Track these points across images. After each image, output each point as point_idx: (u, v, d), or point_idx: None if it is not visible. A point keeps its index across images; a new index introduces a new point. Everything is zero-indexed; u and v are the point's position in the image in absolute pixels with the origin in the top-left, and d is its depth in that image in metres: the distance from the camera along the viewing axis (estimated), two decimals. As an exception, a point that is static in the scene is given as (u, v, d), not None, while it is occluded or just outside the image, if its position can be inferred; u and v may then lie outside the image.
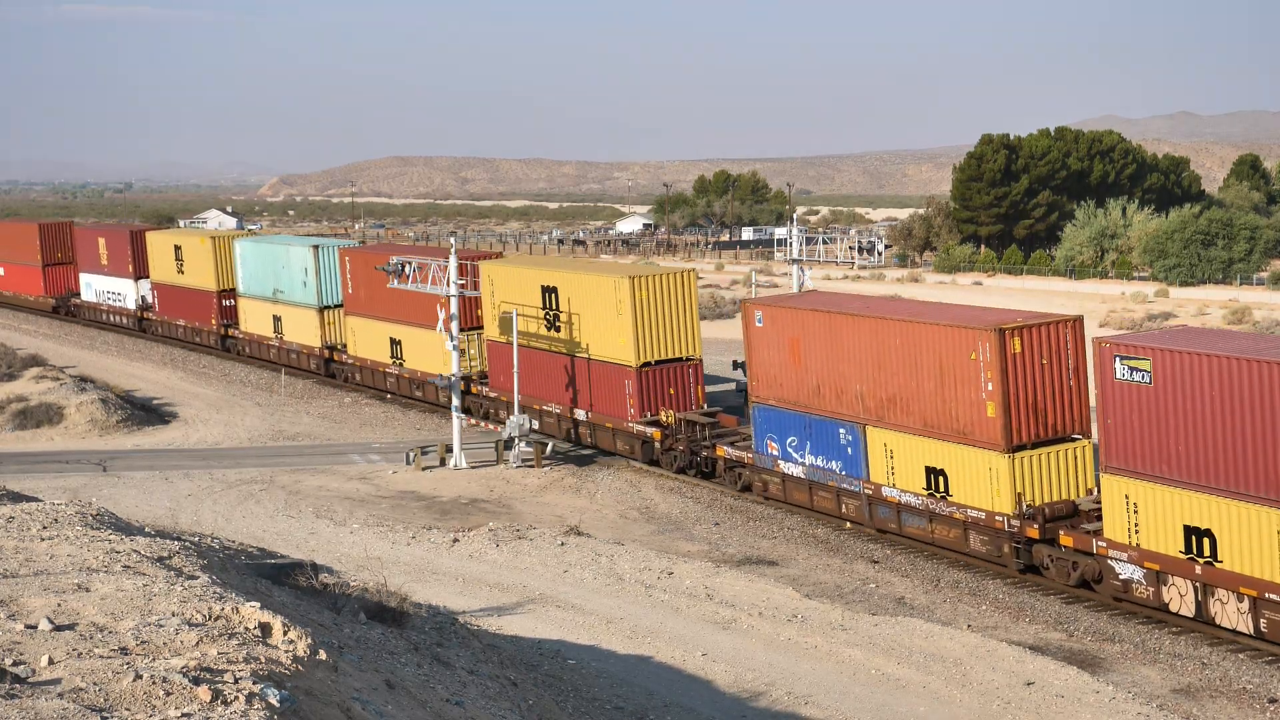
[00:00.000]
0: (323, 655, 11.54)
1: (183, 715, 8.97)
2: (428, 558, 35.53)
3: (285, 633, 11.59)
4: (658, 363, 47.18)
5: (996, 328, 34.29)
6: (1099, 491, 32.67)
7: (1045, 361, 34.61)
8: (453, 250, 50.60)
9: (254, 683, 9.73)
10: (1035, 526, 33.61)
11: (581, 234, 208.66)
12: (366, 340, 62.86)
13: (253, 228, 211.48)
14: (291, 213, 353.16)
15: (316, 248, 66.40)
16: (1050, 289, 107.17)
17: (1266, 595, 28.14)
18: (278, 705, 9.44)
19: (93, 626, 11.16)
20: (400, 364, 60.48)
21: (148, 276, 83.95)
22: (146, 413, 60.29)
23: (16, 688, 9.43)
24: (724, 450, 44.03)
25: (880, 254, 70.75)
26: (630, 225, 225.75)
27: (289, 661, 10.79)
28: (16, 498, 21.37)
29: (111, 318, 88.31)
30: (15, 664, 9.96)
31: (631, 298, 46.52)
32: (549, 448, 48.57)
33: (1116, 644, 30.41)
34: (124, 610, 11.77)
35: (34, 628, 10.96)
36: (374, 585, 19.77)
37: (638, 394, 46.96)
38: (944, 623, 30.92)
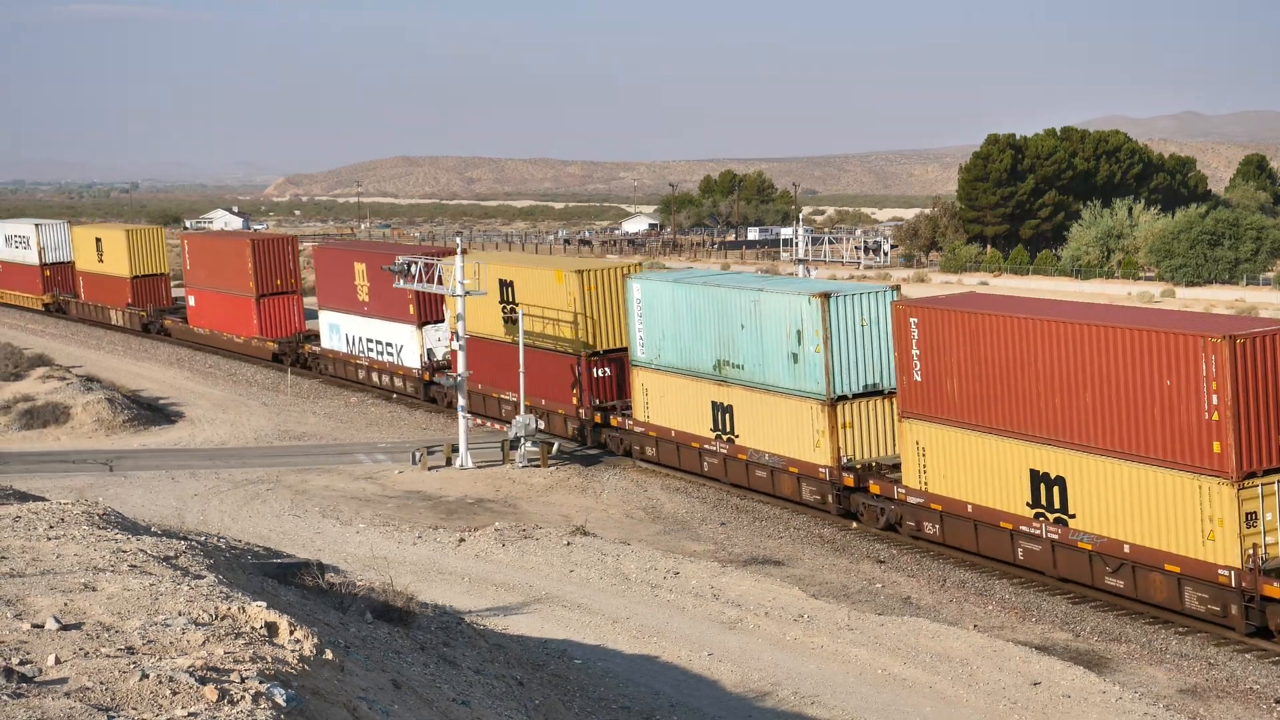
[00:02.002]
0: (329, 655, 11.53)
1: (189, 715, 8.97)
2: (434, 557, 35.53)
3: (292, 632, 11.59)
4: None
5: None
6: None
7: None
8: (459, 250, 50.70)
9: (260, 682, 9.72)
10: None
11: (587, 234, 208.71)
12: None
13: (259, 227, 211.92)
14: (298, 213, 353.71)
15: (826, 297, 39.72)
16: (1056, 289, 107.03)
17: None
18: (284, 705, 9.44)
19: (99, 626, 11.16)
20: None
21: (437, 321, 59.48)
22: (153, 412, 60.33)
23: (23, 687, 9.43)
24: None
25: (886, 254, 70.81)
26: (636, 225, 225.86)
27: (295, 661, 10.79)
28: (23, 497, 21.39)
29: (378, 377, 63.55)
30: (22, 663, 9.96)
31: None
32: (555, 447, 48.59)
33: (1123, 644, 30.37)
34: (130, 610, 11.77)
35: (41, 627, 10.96)
36: (380, 585, 19.75)
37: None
38: (950, 622, 30.89)
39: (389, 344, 62.08)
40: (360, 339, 64.42)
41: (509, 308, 51.94)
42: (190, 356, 76.70)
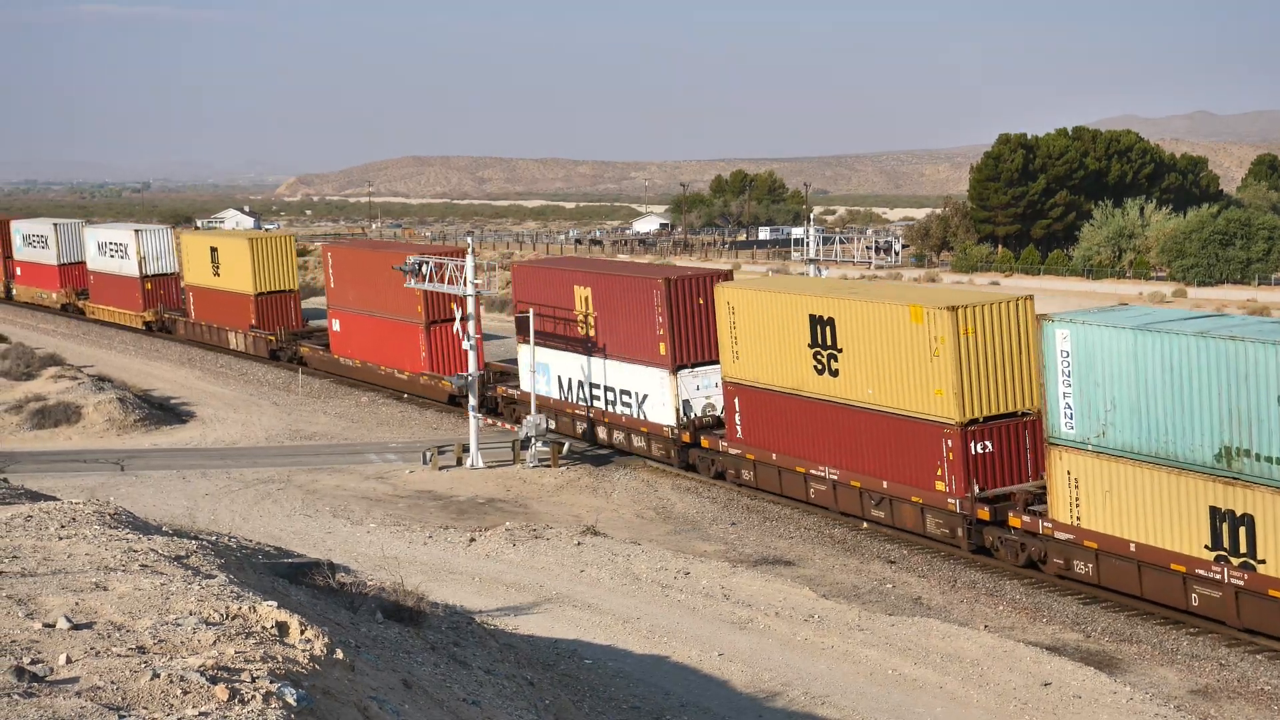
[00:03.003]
0: (340, 654, 11.54)
1: (200, 714, 8.98)
2: (444, 557, 35.56)
3: (302, 632, 11.60)
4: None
5: None
6: None
7: None
8: (470, 250, 50.66)
9: (271, 682, 9.73)
10: None
11: (598, 234, 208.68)
12: None
13: (270, 227, 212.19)
14: (309, 212, 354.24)
15: None
16: (1068, 289, 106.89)
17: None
18: (295, 704, 9.45)
19: (110, 625, 11.18)
20: None
21: (696, 364, 46.51)
22: (164, 412, 60.43)
23: (34, 686, 9.45)
24: None
25: (897, 254, 70.80)
26: (647, 225, 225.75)
27: (306, 661, 10.80)
28: (35, 496, 21.44)
29: (608, 433, 49.94)
30: (33, 662, 9.98)
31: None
32: (565, 447, 48.58)
33: (1134, 644, 30.32)
34: (142, 609, 11.79)
35: (52, 626, 10.98)
36: (391, 584, 19.77)
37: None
38: (961, 623, 30.85)
39: (627, 391, 48.45)
40: (581, 384, 50.64)
41: (825, 354, 40.53)
42: (201, 356, 76.79)
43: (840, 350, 39.53)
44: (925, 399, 37.03)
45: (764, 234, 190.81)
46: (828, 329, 39.86)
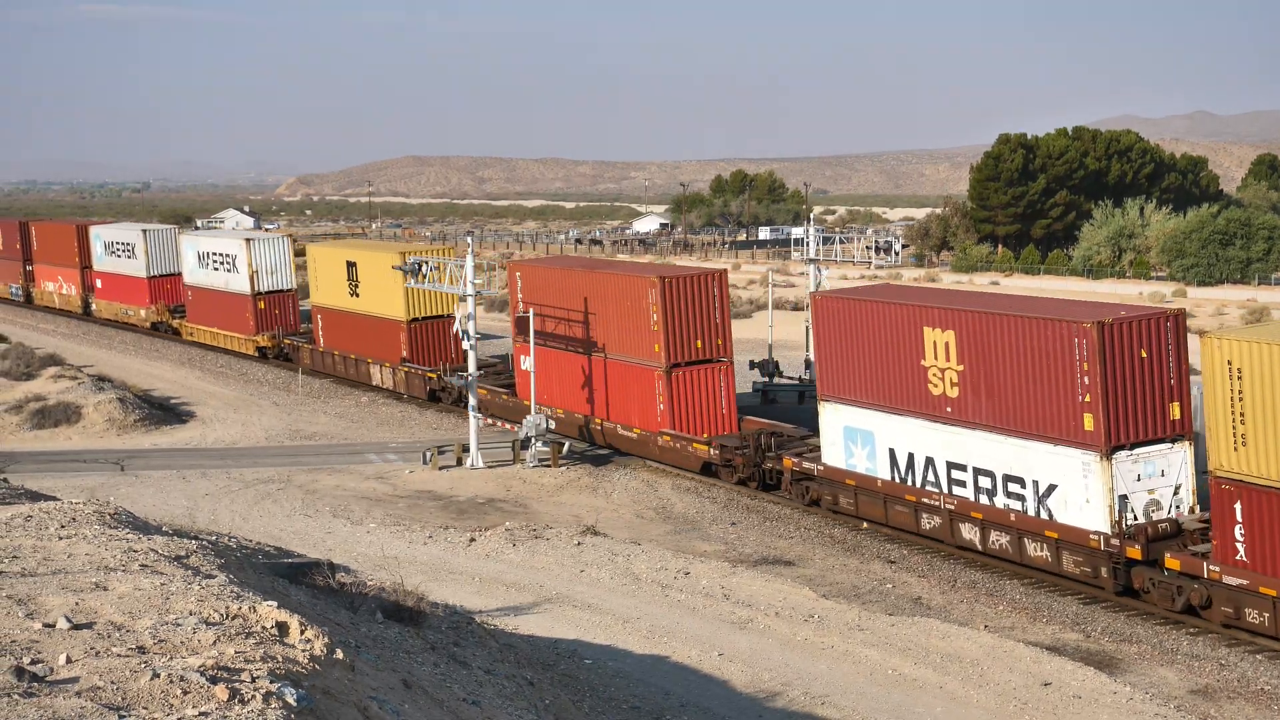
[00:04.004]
0: (340, 654, 11.54)
1: (200, 714, 8.98)
2: (444, 557, 35.55)
3: (302, 632, 11.60)
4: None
5: None
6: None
7: None
8: (470, 250, 50.63)
9: (271, 682, 9.73)
10: None
11: (598, 234, 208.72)
12: None
13: (270, 227, 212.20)
14: (309, 212, 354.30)
15: None
16: (1067, 289, 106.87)
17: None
18: (295, 704, 9.44)
19: (110, 625, 11.18)
20: None
21: (1151, 440, 33.44)
22: (164, 412, 60.43)
23: (34, 686, 9.45)
24: None
25: (897, 254, 70.77)
26: (647, 225, 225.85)
27: (306, 661, 10.79)
28: (35, 496, 21.43)
29: (973, 533, 36.52)
30: (33, 662, 9.98)
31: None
32: (565, 447, 48.54)
33: (1134, 644, 30.32)
34: (142, 609, 11.78)
35: (52, 626, 10.98)
36: (391, 584, 19.77)
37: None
38: (961, 623, 30.85)
39: (1017, 479, 35.11)
40: (932, 461, 37.62)
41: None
42: (201, 356, 76.77)
43: None
44: None
45: (764, 234, 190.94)
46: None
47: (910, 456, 38.11)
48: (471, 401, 49.16)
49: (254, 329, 72.91)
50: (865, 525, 39.67)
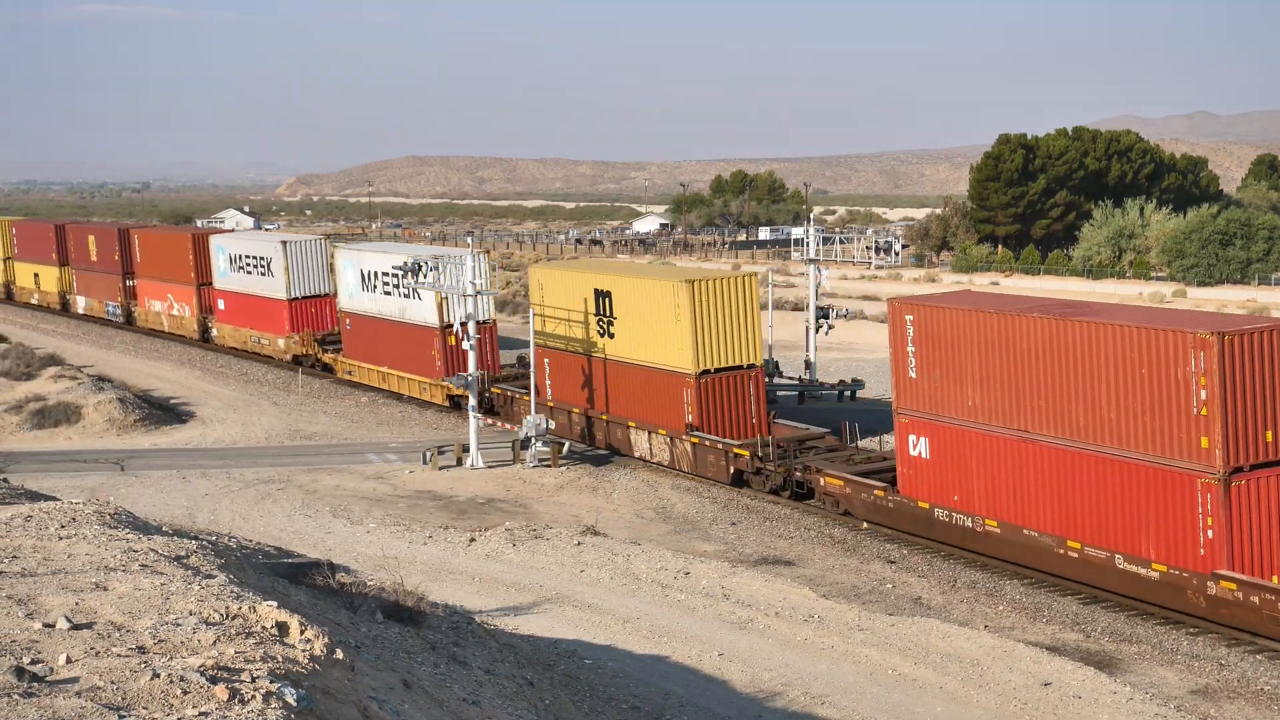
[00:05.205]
0: (340, 654, 11.54)
1: (200, 714, 8.98)
2: (444, 557, 35.54)
3: (302, 632, 11.60)
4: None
5: None
6: None
7: None
8: (471, 249, 50.58)
9: (271, 682, 9.73)
10: None
11: (598, 234, 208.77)
12: None
13: (270, 227, 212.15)
14: (309, 213, 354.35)
15: None
16: (1068, 289, 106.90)
17: None
18: (295, 704, 9.44)
19: (110, 625, 11.18)
20: None
21: None
22: (164, 412, 60.42)
23: (34, 686, 9.45)
24: None
25: (897, 254, 70.71)
26: (647, 225, 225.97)
27: (306, 661, 10.79)
28: (35, 496, 21.43)
29: None
30: (33, 662, 9.98)
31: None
32: (565, 448, 48.53)
33: (1134, 644, 30.31)
34: (141, 609, 11.78)
35: (52, 626, 10.98)
36: (391, 584, 19.77)
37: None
38: (961, 623, 30.84)
39: None
40: None
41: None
42: (202, 356, 76.76)
43: None
44: None
45: (764, 234, 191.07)
46: None
47: None
48: (472, 401, 49.13)
49: (443, 371, 56.79)
50: (865, 525, 39.85)
